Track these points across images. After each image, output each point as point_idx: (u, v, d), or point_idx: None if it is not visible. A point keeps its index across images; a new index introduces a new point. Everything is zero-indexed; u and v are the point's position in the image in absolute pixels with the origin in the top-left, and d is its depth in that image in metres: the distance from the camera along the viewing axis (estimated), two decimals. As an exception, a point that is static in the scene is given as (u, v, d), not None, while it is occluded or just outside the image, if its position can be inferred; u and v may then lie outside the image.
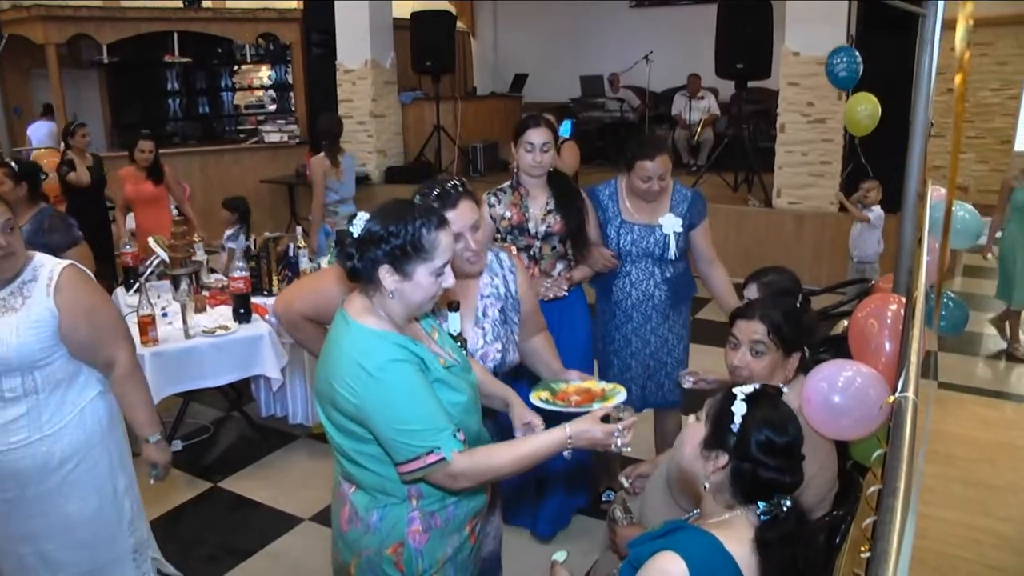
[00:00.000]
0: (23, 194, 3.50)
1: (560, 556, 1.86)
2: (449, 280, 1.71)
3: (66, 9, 8.33)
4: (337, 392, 1.65)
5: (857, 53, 5.77)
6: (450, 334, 1.96)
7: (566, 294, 2.99)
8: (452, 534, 1.81)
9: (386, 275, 1.64)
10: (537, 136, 2.88)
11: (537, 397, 2.12)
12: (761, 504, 1.50)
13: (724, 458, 1.51)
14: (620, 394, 2.10)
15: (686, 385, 2.60)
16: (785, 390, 1.65)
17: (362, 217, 1.66)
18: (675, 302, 3.14)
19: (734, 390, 1.54)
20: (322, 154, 5.72)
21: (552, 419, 1.94)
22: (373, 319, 1.69)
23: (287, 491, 3.65)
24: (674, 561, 1.42)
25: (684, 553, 1.43)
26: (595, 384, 2.25)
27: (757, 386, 1.56)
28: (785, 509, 1.50)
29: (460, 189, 2.05)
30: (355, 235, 1.65)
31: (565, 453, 1.75)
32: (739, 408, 1.51)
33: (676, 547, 1.45)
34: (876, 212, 5.51)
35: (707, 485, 1.55)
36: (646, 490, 2.24)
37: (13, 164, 3.57)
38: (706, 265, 3.16)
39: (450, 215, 1.91)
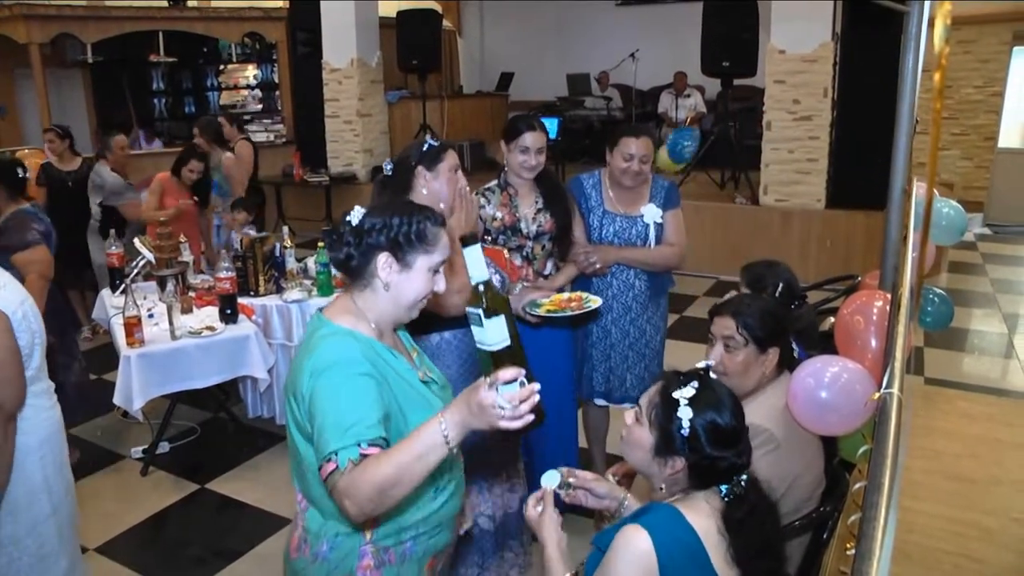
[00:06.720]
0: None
1: (551, 480, 1.65)
2: (440, 284, 1.67)
3: (49, 8, 8.23)
4: (298, 391, 1.57)
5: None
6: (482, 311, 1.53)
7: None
8: (408, 574, 1.68)
9: (384, 265, 1.60)
10: (533, 140, 2.92)
11: (545, 311, 2.44)
12: (723, 488, 1.52)
13: (680, 462, 1.53)
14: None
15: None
16: (712, 363, 1.63)
17: (359, 209, 1.63)
18: (654, 293, 3.18)
19: (674, 395, 1.53)
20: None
21: None
22: (351, 319, 1.64)
23: (275, 492, 3.63)
24: (638, 532, 1.45)
25: (647, 524, 1.46)
26: (567, 294, 2.67)
27: (695, 384, 1.54)
28: (744, 484, 1.53)
29: (447, 146, 2.42)
30: (353, 223, 1.61)
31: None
32: (685, 413, 1.50)
33: (639, 520, 1.48)
34: None
35: (663, 487, 1.57)
36: (635, 485, 2.24)
37: None
38: (664, 245, 3.12)
39: (444, 157, 2.36)
